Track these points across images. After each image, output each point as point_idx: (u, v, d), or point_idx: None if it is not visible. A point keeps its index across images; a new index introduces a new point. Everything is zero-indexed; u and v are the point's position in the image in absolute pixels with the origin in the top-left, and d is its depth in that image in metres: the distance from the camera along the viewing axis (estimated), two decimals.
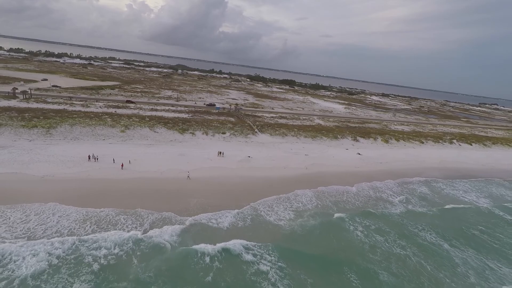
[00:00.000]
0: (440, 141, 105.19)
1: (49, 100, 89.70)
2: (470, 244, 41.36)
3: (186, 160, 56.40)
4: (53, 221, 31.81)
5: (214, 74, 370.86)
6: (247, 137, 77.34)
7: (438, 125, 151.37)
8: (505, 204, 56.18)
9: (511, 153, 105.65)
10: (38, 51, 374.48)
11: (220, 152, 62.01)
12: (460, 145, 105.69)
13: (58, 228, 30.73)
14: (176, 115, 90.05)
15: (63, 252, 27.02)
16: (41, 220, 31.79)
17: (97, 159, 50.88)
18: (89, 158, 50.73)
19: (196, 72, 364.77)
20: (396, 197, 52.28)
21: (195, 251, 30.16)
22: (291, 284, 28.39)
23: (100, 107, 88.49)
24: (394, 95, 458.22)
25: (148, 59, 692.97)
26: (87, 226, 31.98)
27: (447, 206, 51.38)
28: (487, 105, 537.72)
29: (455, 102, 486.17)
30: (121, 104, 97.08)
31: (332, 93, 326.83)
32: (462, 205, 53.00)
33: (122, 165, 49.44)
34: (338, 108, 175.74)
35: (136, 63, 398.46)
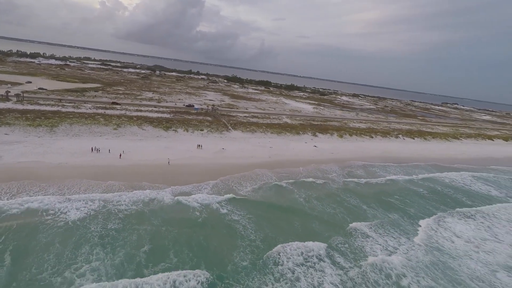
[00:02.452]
0: (388, 136, 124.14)
1: (41, 102, 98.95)
2: (382, 206, 57.42)
3: (171, 151, 69.43)
4: (82, 189, 44.58)
5: (191, 75, 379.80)
6: (222, 133, 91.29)
7: (392, 123, 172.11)
8: (418, 180, 73.75)
9: (444, 145, 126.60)
10: (9, 50, 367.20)
11: (199, 145, 75.56)
12: (404, 139, 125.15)
13: (88, 193, 43.64)
14: (159, 115, 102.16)
15: (96, 207, 39.94)
16: (73, 189, 44.38)
17: (99, 150, 62.93)
18: (92, 150, 62.69)
19: (174, 73, 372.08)
20: (334, 175, 68.46)
21: (187, 205, 44.47)
22: (254, 226, 42.72)
23: (89, 108, 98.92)
24: (364, 95, 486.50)
25: (124, 58, 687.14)
26: (107, 192, 45.05)
27: (373, 181, 68.09)
28: (448, 104, 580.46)
29: (420, 102, 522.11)
30: (108, 106, 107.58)
31: (305, 93, 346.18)
32: (385, 181, 69.96)
33: (120, 155, 61.86)
34: (307, 108, 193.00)
35: (113, 64, 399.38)
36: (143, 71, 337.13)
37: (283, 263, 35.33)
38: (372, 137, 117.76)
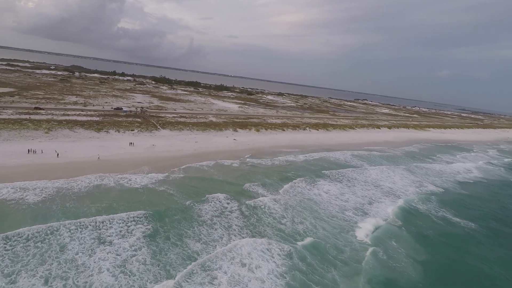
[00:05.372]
0: (297, 128, 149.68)
1: None
2: (277, 175, 76.92)
3: (105, 149, 78.94)
4: (32, 181, 53.49)
5: (116, 77, 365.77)
6: (152, 132, 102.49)
7: (305, 118, 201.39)
8: (311, 160, 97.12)
9: (341, 134, 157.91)
10: None
11: (131, 143, 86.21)
12: (310, 130, 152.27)
13: (39, 182, 52.95)
14: (88, 118, 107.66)
15: (51, 192, 49.66)
16: (23, 183, 52.80)
17: (35, 152, 69.43)
18: (29, 151, 68.91)
19: (96, 75, 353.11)
20: (246, 158, 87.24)
21: (129, 187, 57.55)
22: (184, 194, 57.70)
23: (11, 114, 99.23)
24: (288, 94, 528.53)
25: (32, 57, 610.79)
26: (58, 181, 54.93)
27: (276, 162, 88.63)
28: (359, 100, 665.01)
29: (336, 99, 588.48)
30: (31, 111, 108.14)
31: (234, 93, 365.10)
32: (285, 161, 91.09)
33: (58, 155, 69.61)
34: (233, 107, 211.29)
35: (21, 64, 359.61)
36: (60, 73, 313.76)
37: (202, 214, 51.40)
38: (284, 130, 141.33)
